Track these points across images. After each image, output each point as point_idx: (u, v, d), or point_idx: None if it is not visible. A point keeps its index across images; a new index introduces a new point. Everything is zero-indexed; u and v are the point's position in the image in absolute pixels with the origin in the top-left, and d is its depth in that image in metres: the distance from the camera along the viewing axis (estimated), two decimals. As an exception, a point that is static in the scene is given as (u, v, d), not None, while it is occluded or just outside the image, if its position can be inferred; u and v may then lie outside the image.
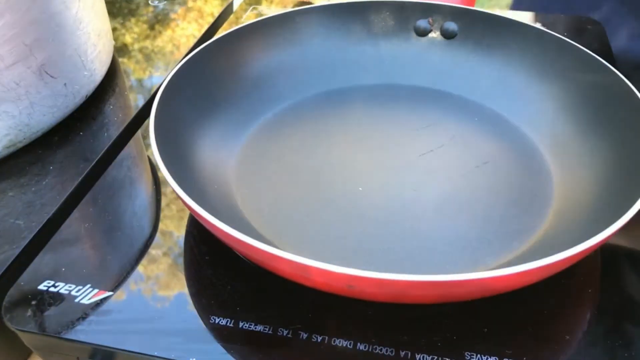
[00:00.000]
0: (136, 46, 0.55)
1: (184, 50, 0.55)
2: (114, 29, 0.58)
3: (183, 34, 0.58)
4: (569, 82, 0.40)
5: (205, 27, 0.59)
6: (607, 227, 0.26)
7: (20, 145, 0.40)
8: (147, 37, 0.56)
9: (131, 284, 0.31)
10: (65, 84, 0.42)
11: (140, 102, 0.47)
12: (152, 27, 0.58)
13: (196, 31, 0.58)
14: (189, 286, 0.31)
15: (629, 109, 0.34)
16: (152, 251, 0.33)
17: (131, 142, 0.42)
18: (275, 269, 0.27)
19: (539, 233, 0.33)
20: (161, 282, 0.31)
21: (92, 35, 0.45)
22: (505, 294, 0.28)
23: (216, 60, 0.41)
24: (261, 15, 0.57)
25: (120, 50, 0.55)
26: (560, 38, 0.41)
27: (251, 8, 0.61)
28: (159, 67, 0.52)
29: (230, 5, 0.64)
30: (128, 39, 0.56)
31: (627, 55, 0.66)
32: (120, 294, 0.31)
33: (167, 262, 0.33)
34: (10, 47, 0.37)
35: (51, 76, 0.40)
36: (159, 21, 0.59)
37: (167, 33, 0.57)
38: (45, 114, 0.41)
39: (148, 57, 0.53)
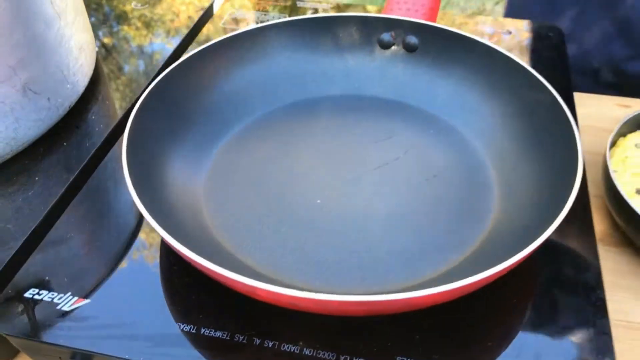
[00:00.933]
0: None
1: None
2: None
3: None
4: (515, 98, 0.43)
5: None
6: (525, 248, 0.30)
7: (7, 157, 0.43)
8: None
9: (108, 292, 0.35)
10: (48, 98, 0.45)
11: (136, 91, 0.50)
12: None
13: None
14: (161, 295, 0.35)
15: (560, 127, 0.37)
16: (131, 259, 0.37)
17: (116, 147, 0.45)
18: (229, 286, 0.31)
19: (476, 245, 0.37)
20: (135, 290, 0.35)
21: (74, 49, 0.47)
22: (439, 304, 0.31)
23: (188, 77, 0.44)
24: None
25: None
26: (506, 55, 0.43)
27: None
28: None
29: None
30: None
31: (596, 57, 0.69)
32: (98, 302, 0.34)
33: (143, 271, 0.36)
34: (-5, 70, 0.40)
35: (35, 92, 0.43)
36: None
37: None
38: (30, 127, 0.44)
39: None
